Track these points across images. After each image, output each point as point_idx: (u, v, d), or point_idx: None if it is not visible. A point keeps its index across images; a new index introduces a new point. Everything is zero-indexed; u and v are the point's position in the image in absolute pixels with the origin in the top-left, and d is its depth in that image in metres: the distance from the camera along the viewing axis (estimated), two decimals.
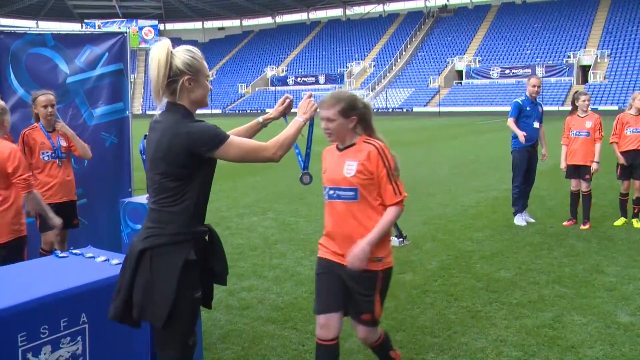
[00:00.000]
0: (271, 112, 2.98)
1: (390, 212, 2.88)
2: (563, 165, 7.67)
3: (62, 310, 2.65)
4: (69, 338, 2.67)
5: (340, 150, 2.99)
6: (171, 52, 2.37)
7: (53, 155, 4.90)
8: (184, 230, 2.39)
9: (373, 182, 2.88)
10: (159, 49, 2.35)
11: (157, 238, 2.38)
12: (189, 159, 2.35)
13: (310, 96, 2.84)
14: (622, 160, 7.40)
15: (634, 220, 7.39)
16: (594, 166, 7.33)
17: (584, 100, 7.49)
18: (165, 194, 2.39)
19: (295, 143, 2.74)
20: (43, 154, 4.87)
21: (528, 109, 7.57)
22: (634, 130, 7.33)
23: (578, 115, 7.54)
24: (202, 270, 2.51)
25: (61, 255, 3.29)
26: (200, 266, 2.48)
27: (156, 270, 2.36)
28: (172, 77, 2.37)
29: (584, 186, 7.47)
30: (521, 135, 7.41)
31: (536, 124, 7.61)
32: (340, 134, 2.94)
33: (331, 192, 2.95)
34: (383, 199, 2.89)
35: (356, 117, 2.91)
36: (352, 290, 2.91)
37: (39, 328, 2.55)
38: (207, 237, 2.55)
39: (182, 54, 2.40)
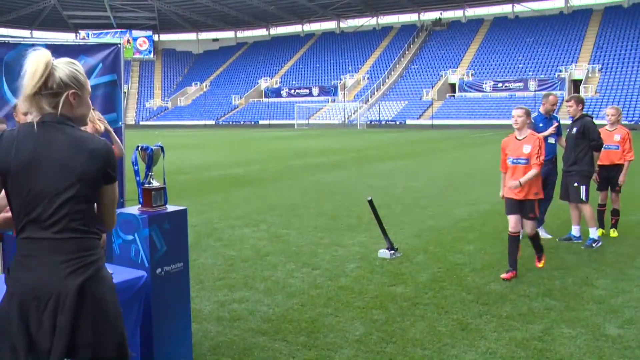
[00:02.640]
0: None
1: None
2: (502, 193, 6.13)
3: None
4: None
5: None
6: (52, 62, 2.18)
7: None
8: (100, 249, 2.27)
9: None
10: (38, 57, 2.15)
11: (89, 266, 2.19)
12: (102, 179, 2.22)
13: None
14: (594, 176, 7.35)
15: (612, 230, 7.53)
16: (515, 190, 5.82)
17: (516, 116, 5.88)
18: (80, 219, 2.19)
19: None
20: None
21: (541, 125, 7.48)
22: (607, 147, 7.38)
23: (515, 137, 5.93)
24: None
25: None
26: None
27: (102, 298, 2.21)
28: (54, 89, 2.17)
29: (528, 228, 5.90)
30: (553, 128, 7.33)
31: (552, 140, 7.50)
32: None
33: None
34: None
35: None
36: None
37: None
38: None
39: (66, 66, 2.23)
